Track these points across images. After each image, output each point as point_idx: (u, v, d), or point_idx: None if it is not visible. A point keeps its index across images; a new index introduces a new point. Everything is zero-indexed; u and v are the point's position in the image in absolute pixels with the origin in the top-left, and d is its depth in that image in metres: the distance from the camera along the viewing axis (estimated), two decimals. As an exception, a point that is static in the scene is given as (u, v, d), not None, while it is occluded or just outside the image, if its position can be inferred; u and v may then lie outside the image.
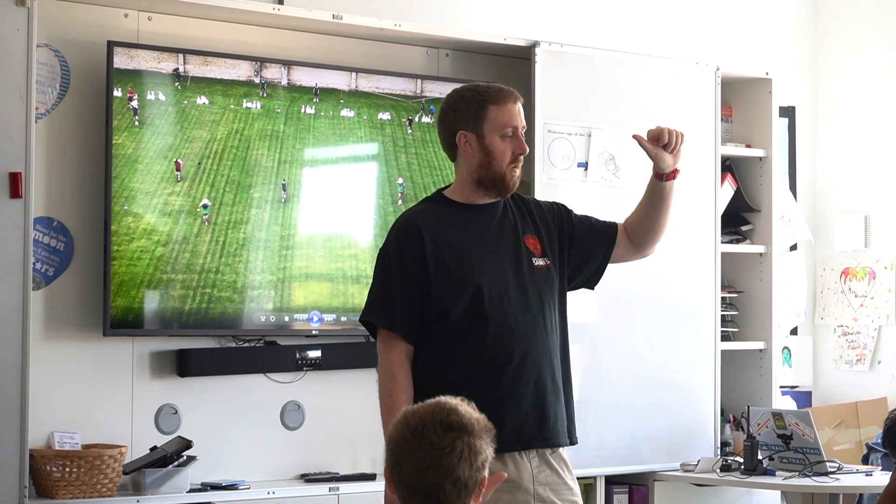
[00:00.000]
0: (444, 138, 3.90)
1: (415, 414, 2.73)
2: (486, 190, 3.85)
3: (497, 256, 3.82)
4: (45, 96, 5.01)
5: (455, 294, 3.75)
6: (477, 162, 3.83)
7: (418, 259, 3.75)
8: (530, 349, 3.78)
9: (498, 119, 3.81)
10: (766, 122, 6.53)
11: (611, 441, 5.91)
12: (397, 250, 3.79)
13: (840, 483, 5.71)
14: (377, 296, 3.81)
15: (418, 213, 3.88)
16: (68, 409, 5.05)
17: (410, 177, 5.64)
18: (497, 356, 3.75)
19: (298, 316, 5.42)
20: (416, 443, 2.68)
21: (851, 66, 7.24)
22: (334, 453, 5.58)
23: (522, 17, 6.23)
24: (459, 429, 2.70)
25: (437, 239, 3.78)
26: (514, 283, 3.81)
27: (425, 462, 2.67)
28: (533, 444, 3.78)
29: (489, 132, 3.81)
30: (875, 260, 7.10)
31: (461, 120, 3.84)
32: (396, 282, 3.76)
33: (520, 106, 3.87)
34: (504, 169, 3.82)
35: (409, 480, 2.68)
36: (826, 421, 6.78)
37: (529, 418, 3.77)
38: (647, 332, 6.04)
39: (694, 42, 6.74)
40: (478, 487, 2.72)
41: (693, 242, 6.20)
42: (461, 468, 2.68)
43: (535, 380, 3.78)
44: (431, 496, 2.67)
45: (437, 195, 3.93)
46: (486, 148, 3.81)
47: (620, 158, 5.98)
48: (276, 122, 5.39)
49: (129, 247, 5.06)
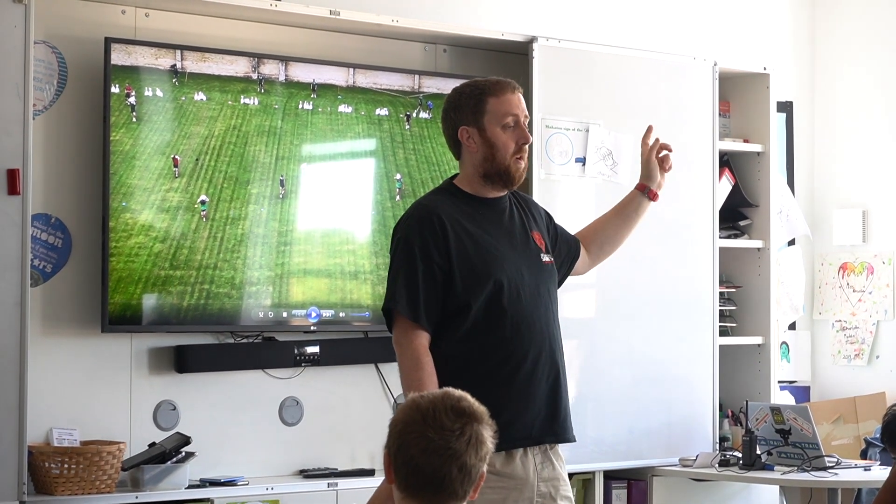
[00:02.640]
0: (448, 136, 3.90)
1: (424, 398, 2.74)
2: (492, 183, 3.84)
3: (512, 252, 3.81)
4: (42, 93, 5.00)
5: (476, 287, 3.73)
6: (481, 156, 3.82)
7: (441, 248, 3.72)
8: (545, 345, 3.79)
9: (497, 110, 3.80)
10: (764, 117, 6.53)
11: (609, 436, 5.92)
12: (420, 238, 3.74)
13: (838, 478, 5.71)
14: (401, 285, 3.74)
15: (437, 202, 3.83)
16: (67, 406, 5.05)
17: (408, 172, 5.64)
18: (514, 352, 3.74)
19: (296, 312, 5.42)
20: (427, 424, 2.68)
21: (849, 61, 7.23)
22: (333, 449, 5.57)
23: (520, 12, 6.23)
24: (470, 415, 2.72)
25: (458, 229, 3.76)
26: (528, 278, 3.80)
27: (434, 443, 2.67)
28: (545, 439, 3.78)
29: (490, 124, 3.81)
30: (873, 255, 7.10)
31: (462, 115, 3.83)
32: (420, 270, 3.72)
33: (520, 95, 3.86)
34: (508, 160, 3.81)
35: (415, 461, 2.68)
36: (824, 416, 6.78)
37: (541, 414, 3.77)
38: (646, 328, 6.04)
39: (691, 37, 6.73)
40: (478, 480, 2.72)
41: (691, 237, 6.20)
42: (468, 454, 2.69)
43: (549, 376, 3.78)
44: (437, 480, 2.67)
45: (450, 185, 3.91)
46: (488, 140, 3.81)
47: (618, 153, 5.98)
48: (273, 118, 5.39)
49: (127, 243, 5.06)
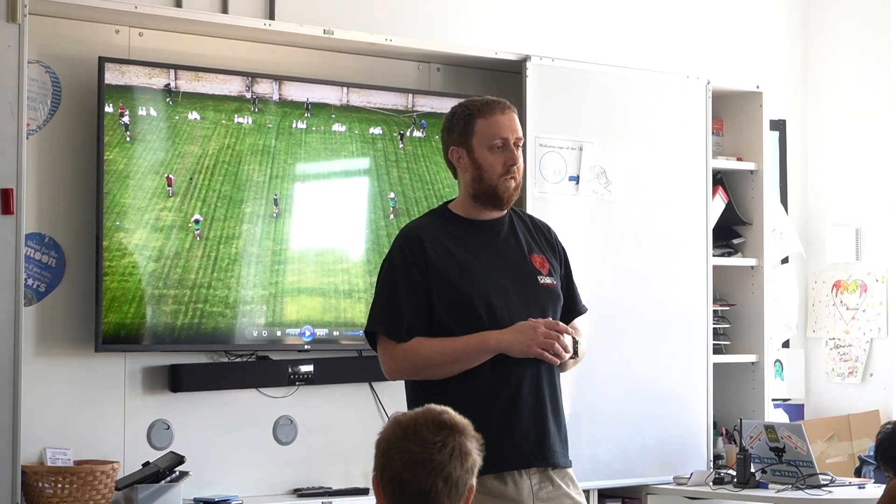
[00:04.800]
0: (445, 157, 3.92)
1: (405, 415, 2.76)
2: (483, 204, 3.84)
3: (499, 273, 3.80)
4: (36, 112, 5.01)
5: (457, 310, 3.73)
6: (470, 176, 3.83)
7: (421, 268, 3.73)
8: (530, 368, 3.77)
9: (485, 132, 3.81)
10: (757, 135, 6.54)
11: (604, 454, 5.91)
12: (401, 259, 3.76)
13: (833, 496, 5.70)
14: (383, 306, 3.77)
15: (421, 225, 3.87)
16: (60, 426, 5.05)
17: (402, 191, 5.65)
18: (497, 375, 3.73)
19: (290, 331, 5.42)
20: (409, 439, 2.69)
21: (841, 80, 7.25)
22: (327, 468, 5.57)
23: (513, 31, 6.24)
24: (451, 427, 2.73)
25: (440, 251, 3.76)
26: (516, 300, 3.79)
27: (417, 455, 2.68)
28: (533, 462, 3.76)
29: (478, 145, 3.82)
30: (866, 273, 7.11)
31: (452, 136, 3.86)
32: (402, 291, 3.73)
33: (511, 115, 3.85)
34: (496, 181, 3.81)
35: (400, 476, 2.68)
36: (818, 434, 6.78)
37: (529, 437, 3.75)
38: (640, 345, 6.04)
39: (685, 56, 6.75)
40: (467, 493, 2.72)
41: (685, 256, 6.21)
42: (452, 465, 2.69)
43: (535, 399, 3.77)
44: (423, 494, 2.68)
45: (442, 209, 3.92)
46: (475, 162, 3.82)
47: (612, 172, 5.99)
48: (267, 136, 5.39)
49: (121, 262, 5.06)
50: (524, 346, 3.71)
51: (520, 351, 3.71)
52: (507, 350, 3.71)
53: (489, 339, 3.71)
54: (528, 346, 3.70)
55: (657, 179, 6.14)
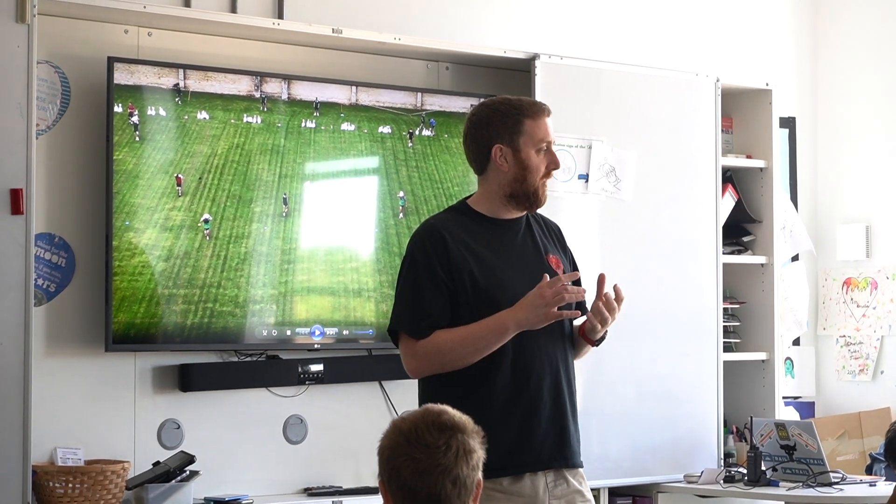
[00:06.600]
0: (475, 152, 3.85)
1: (404, 420, 2.74)
2: (516, 203, 3.82)
3: (520, 273, 3.78)
4: (45, 112, 5.01)
5: (479, 309, 3.70)
6: (511, 176, 3.79)
7: (444, 265, 3.70)
8: (550, 370, 3.77)
9: (535, 133, 3.79)
10: (767, 132, 6.53)
11: (614, 453, 5.91)
12: (423, 256, 3.73)
13: (844, 493, 5.70)
14: (406, 305, 3.74)
15: (443, 221, 3.83)
16: (71, 425, 5.05)
17: (411, 190, 5.64)
18: (518, 376, 3.72)
19: (300, 330, 5.42)
20: (412, 445, 2.69)
21: (851, 77, 7.24)
22: (337, 467, 5.57)
23: (522, 29, 6.24)
24: (452, 427, 2.72)
25: (462, 248, 3.74)
26: None
27: (423, 463, 2.67)
28: (552, 463, 3.76)
29: (525, 146, 3.79)
30: (877, 270, 7.10)
31: (496, 133, 3.79)
32: (425, 288, 3.70)
33: (551, 120, 3.84)
34: (537, 183, 3.80)
35: (408, 484, 2.68)
36: (829, 431, 6.77)
37: (549, 439, 3.75)
38: (650, 344, 6.04)
39: (694, 54, 6.74)
40: (475, 489, 2.72)
41: (694, 254, 6.20)
42: (459, 466, 2.69)
43: (555, 401, 3.76)
44: (433, 498, 2.67)
45: (462, 205, 3.88)
46: (522, 162, 3.78)
47: (621, 170, 5.99)
48: (276, 136, 5.40)
49: (131, 262, 5.07)
50: (540, 316, 3.65)
51: (539, 322, 3.66)
52: (528, 326, 3.67)
53: (506, 320, 3.67)
54: (545, 314, 3.65)
55: (666, 177, 6.13)
